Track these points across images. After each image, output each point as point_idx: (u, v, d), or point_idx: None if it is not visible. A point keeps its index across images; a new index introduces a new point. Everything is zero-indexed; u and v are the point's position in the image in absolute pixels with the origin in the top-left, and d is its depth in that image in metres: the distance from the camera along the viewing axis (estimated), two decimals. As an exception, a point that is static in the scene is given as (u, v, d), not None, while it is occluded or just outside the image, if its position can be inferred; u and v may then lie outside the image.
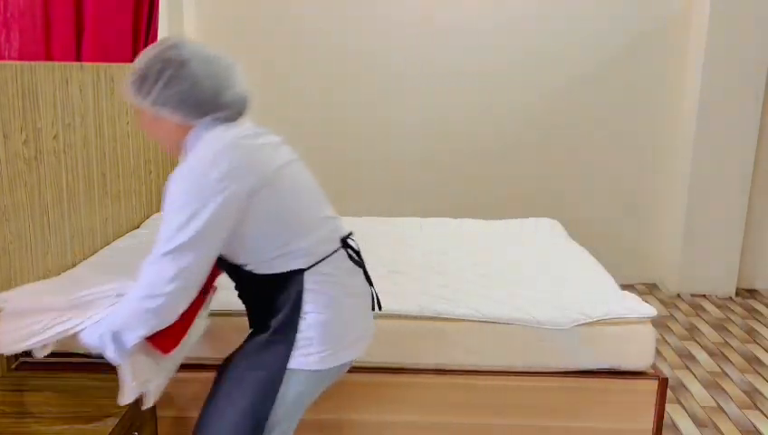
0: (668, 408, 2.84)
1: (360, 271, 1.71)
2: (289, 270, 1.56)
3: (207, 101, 1.53)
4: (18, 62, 2.25)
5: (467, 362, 2.24)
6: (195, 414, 2.26)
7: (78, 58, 2.85)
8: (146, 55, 1.54)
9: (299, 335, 1.57)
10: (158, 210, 3.60)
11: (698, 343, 3.58)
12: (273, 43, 4.25)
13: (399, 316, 2.25)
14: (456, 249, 3.03)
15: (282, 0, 4.20)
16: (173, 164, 3.89)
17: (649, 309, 2.27)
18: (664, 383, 2.22)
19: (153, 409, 2.19)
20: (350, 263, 1.67)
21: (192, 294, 1.52)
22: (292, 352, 1.58)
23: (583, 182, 4.42)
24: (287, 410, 1.62)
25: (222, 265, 1.64)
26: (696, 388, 3.06)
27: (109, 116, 2.95)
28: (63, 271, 2.53)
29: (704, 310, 4.09)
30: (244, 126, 1.61)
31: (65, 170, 2.57)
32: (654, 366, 2.28)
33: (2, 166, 2.13)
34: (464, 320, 2.24)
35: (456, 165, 4.39)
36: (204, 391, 2.26)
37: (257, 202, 1.50)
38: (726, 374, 3.21)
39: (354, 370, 2.23)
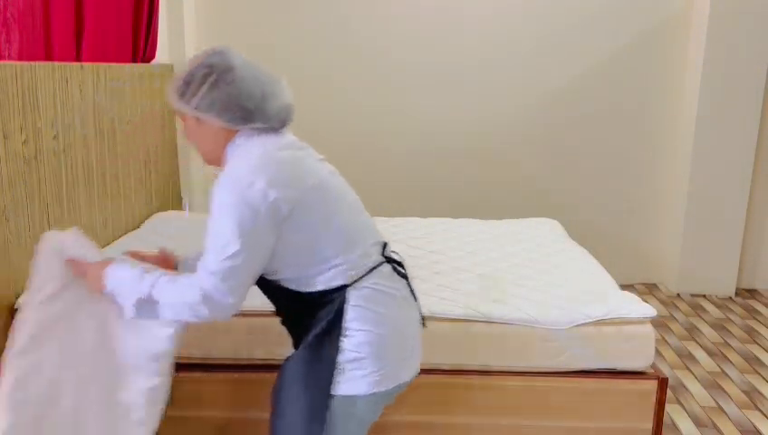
0: (668, 408, 2.84)
1: (404, 283, 1.64)
2: (331, 286, 1.51)
3: (252, 108, 1.50)
4: (18, 63, 2.25)
5: (467, 363, 2.24)
6: (195, 414, 2.27)
7: (78, 58, 2.84)
8: (191, 62, 1.53)
9: (347, 356, 1.49)
10: (158, 210, 3.60)
11: (698, 343, 3.58)
12: (273, 43, 4.25)
13: (399, 316, 2.25)
14: (456, 249, 3.03)
15: (281, 0, 4.20)
16: (173, 164, 3.90)
17: (649, 309, 2.27)
18: (664, 383, 2.22)
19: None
20: (395, 275, 1.61)
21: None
22: (342, 377, 1.50)
23: (583, 182, 4.42)
24: None
25: (261, 284, 1.59)
26: (695, 388, 3.06)
27: (109, 116, 2.95)
28: (63, 271, 2.53)
29: (704, 310, 4.09)
30: (288, 137, 1.58)
31: (65, 170, 2.57)
32: (654, 366, 2.27)
33: (2, 165, 2.13)
34: (464, 320, 2.24)
35: (456, 165, 4.39)
36: (204, 391, 2.27)
37: (300, 213, 1.47)
38: (726, 374, 3.21)
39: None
